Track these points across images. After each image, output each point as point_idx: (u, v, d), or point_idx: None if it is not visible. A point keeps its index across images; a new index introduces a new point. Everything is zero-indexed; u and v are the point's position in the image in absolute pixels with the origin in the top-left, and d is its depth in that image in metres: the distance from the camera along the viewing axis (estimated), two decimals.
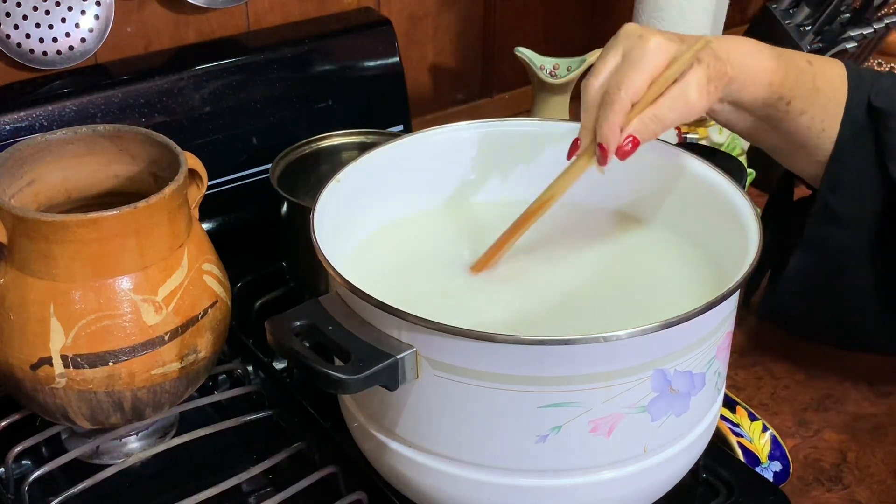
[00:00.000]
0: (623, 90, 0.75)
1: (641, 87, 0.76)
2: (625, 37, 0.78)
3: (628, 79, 0.75)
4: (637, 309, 0.79)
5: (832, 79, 0.85)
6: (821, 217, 0.86)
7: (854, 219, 0.86)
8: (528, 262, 0.85)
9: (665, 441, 0.72)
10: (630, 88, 0.75)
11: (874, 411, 0.98)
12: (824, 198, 0.86)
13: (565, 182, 0.79)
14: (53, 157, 0.85)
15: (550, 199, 0.80)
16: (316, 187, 0.81)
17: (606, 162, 0.77)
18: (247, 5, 1.17)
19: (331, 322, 0.70)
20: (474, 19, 1.37)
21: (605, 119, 0.76)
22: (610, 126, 0.75)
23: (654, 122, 0.76)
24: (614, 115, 0.75)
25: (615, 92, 0.76)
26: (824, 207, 0.86)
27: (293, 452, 0.85)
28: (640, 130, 0.76)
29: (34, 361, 0.78)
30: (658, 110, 0.76)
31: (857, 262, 0.87)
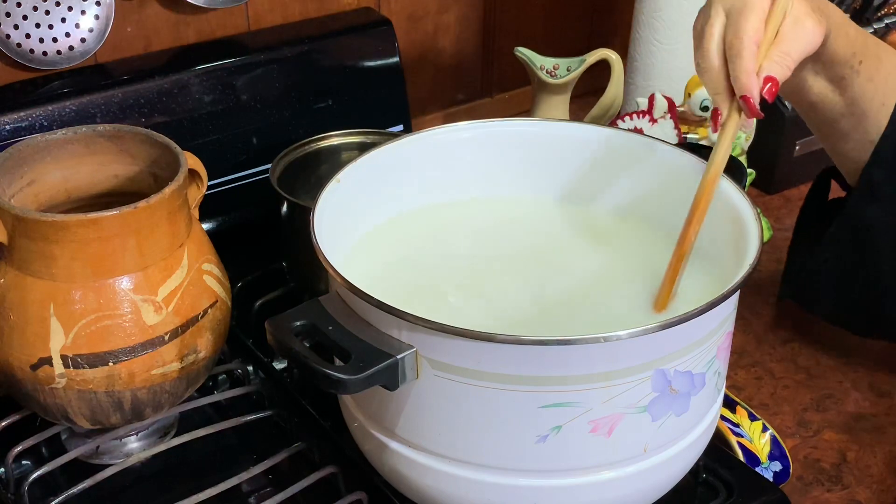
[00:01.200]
0: (745, 36, 0.75)
1: (760, 27, 0.76)
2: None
3: (745, 24, 0.75)
4: (637, 309, 0.79)
5: (888, 51, 0.86)
6: (862, 192, 0.87)
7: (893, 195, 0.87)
8: (529, 261, 0.85)
9: (665, 441, 0.72)
10: (749, 32, 0.75)
11: (874, 411, 0.98)
12: (868, 172, 0.87)
13: (722, 152, 0.77)
14: (53, 157, 0.85)
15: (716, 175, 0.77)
16: (316, 187, 0.81)
17: (756, 111, 0.76)
18: (247, 5, 1.17)
19: (331, 322, 0.70)
20: (474, 19, 1.37)
21: (739, 69, 0.75)
22: (747, 73, 0.75)
23: (784, 58, 0.76)
24: (746, 61, 0.75)
25: (737, 41, 0.75)
26: (867, 182, 0.87)
27: (293, 452, 0.85)
28: (774, 70, 0.76)
29: (34, 361, 0.78)
30: (784, 46, 0.76)
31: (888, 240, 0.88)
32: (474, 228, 0.89)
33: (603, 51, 1.22)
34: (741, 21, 0.76)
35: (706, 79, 0.78)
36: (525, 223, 0.89)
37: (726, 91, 0.77)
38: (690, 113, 1.16)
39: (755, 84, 0.75)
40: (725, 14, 0.77)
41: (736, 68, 0.75)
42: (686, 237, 0.76)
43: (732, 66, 0.76)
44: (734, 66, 0.76)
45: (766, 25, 0.76)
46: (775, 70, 0.76)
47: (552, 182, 0.90)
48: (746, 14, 0.76)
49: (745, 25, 0.75)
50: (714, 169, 0.77)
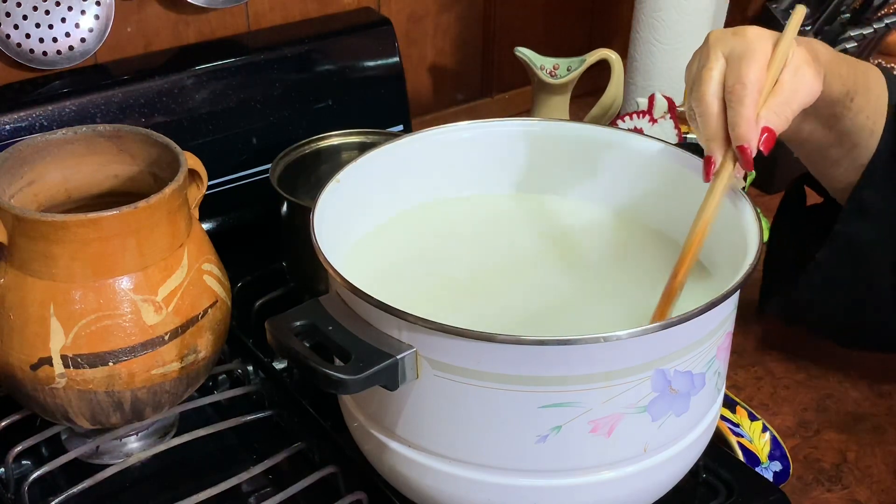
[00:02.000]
0: (748, 82, 0.72)
1: (762, 75, 0.73)
2: (717, 41, 0.75)
3: (748, 70, 0.73)
4: (637, 309, 0.79)
5: (878, 78, 0.84)
6: (852, 212, 0.86)
7: (884, 217, 0.86)
8: (529, 261, 0.85)
9: (665, 441, 0.72)
10: (752, 79, 0.72)
11: (874, 411, 0.98)
12: (858, 193, 0.85)
13: (713, 204, 0.74)
14: (53, 157, 0.85)
15: (705, 226, 0.74)
16: (316, 187, 0.81)
17: (751, 165, 0.73)
18: (247, 5, 1.17)
19: (331, 322, 0.70)
20: (474, 19, 1.37)
21: (738, 117, 0.72)
22: (747, 123, 0.72)
23: (783, 108, 0.74)
24: (747, 109, 0.72)
25: (739, 88, 0.72)
26: (857, 202, 0.86)
27: (293, 452, 0.85)
28: (772, 121, 0.73)
29: (34, 361, 0.78)
30: (783, 96, 0.74)
31: (881, 262, 0.87)
32: (474, 228, 0.89)
33: (603, 51, 1.22)
34: (743, 67, 0.73)
35: (701, 123, 0.75)
36: (525, 223, 0.89)
37: (723, 139, 0.74)
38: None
39: (755, 134, 0.72)
40: (725, 59, 0.74)
41: (736, 115, 0.72)
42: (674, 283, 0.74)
43: (732, 113, 0.73)
44: (734, 113, 0.73)
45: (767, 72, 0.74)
46: (773, 121, 0.73)
47: (552, 182, 0.90)
48: (749, 60, 0.73)
49: (747, 71, 0.73)
50: (704, 219, 0.74)
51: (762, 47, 0.74)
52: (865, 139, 0.84)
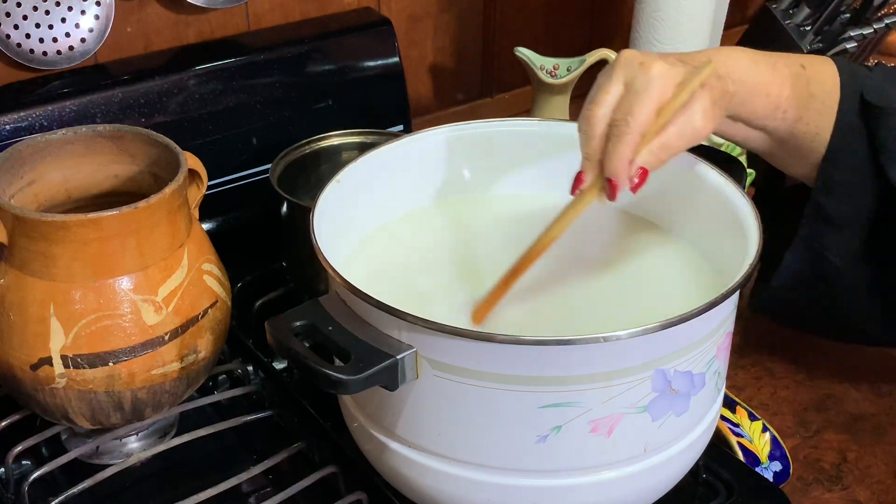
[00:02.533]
0: (633, 121, 0.72)
1: (649, 117, 0.73)
2: (624, 64, 0.75)
3: (636, 110, 0.73)
4: (637, 309, 0.79)
5: (825, 81, 0.84)
6: (814, 217, 0.86)
7: (847, 218, 0.86)
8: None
9: (665, 441, 0.72)
10: (639, 119, 0.73)
11: (874, 411, 0.98)
12: (817, 199, 0.86)
13: (569, 218, 0.76)
14: (53, 157, 0.85)
15: (555, 237, 0.76)
16: (316, 187, 0.81)
17: (615, 197, 0.74)
18: (247, 5, 1.17)
19: (331, 322, 0.70)
20: (474, 19, 1.37)
21: (615, 152, 0.73)
22: (621, 159, 0.73)
23: (662, 152, 0.74)
24: (625, 147, 0.72)
25: (623, 124, 0.73)
26: (818, 209, 0.86)
27: (293, 452, 0.85)
28: (649, 161, 0.74)
29: (34, 361, 0.78)
30: (666, 139, 0.74)
31: (850, 262, 0.87)
32: (474, 228, 0.89)
33: (603, 51, 1.22)
34: (635, 104, 0.73)
35: (583, 141, 0.75)
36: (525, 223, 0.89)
37: (598, 162, 0.74)
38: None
39: (625, 173, 0.73)
40: (624, 86, 0.74)
41: (613, 150, 0.73)
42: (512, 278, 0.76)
43: (610, 146, 0.73)
44: (612, 148, 0.73)
45: (658, 114, 0.73)
46: (649, 161, 0.74)
47: (553, 182, 0.90)
48: (642, 98, 0.73)
49: (636, 110, 0.73)
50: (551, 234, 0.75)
51: (660, 88, 0.73)
52: (808, 142, 0.84)
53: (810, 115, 0.83)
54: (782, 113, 0.82)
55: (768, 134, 0.84)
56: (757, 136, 0.85)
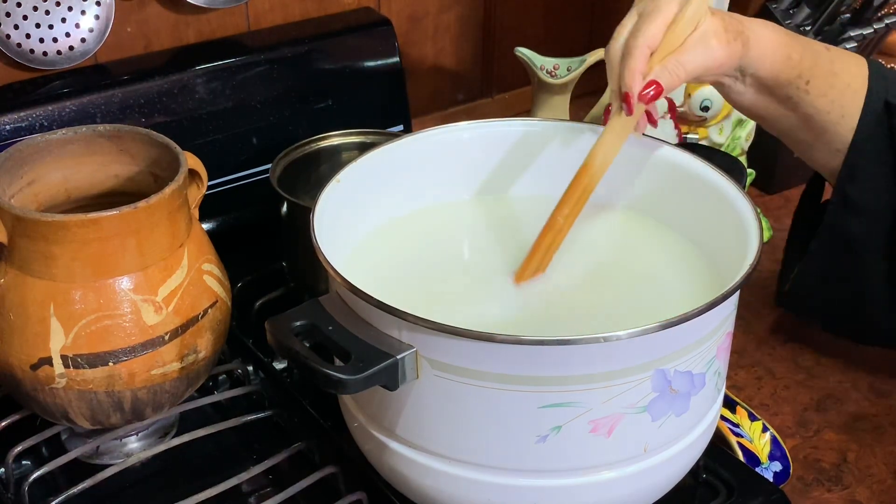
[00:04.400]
0: (640, 37, 0.78)
1: (657, 33, 0.78)
2: (638, 1, 0.81)
3: (644, 27, 0.78)
4: (637, 309, 0.79)
5: (850, 66, 0.85)
6: (839, 206, 0.87)
7: (870, 209, 0.86)
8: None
9: (665, 441, 0.72)
10: (646, 35, 0.78)
11: (874, 411, 0.98)
12: (842, 187, 0.86)
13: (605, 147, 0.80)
14: (53, 157, 0.85)
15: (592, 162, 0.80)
16: (316, 187, 0.81)
17: (632, 110, 0.78)
18: (247, 5, 1.17)
19: (331, 322, 0.70)
20: (474, 19, 1.37)
21: (624, 67, 0.78)
22: (630, 72, 0.78)
23: (676, 67, 0.79)
24: (633, 60, 0.78)
25: (632, 42, 0.79)
26: (842, 196, 0.86)
27: (293, 452, 0.85)
28: (661, 75, 0.78)
29: (34, 361, 0.78)
30: (680, 56, 0.79)
31: (872, 253, 0.88)
32: (474, 228, 0.89)
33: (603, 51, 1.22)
34: (642, 24, 0.79)
35: (609, 72, 0.81)
36: (525, 223, 0.89)
37: (618, 89, 0.80)
38: (690, 113, 1.16)
39: (637, 83, 0.78)
40: (638, 16, 0.80)
41: (623, 66, 0.79)
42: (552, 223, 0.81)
43: (622, 64, 0.79)
44: (622, 64, 0.79)
45: (666, 32, 0.79)
46: (663, 77, 0.78)
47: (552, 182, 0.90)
48: (650, 18, 0.79)
49: (643, 28, 0.78)
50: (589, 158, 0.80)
51: (666, 8, 0.79)
52: (833, 124, 0.85)
53: (835, 94, 0.84)
54: (805, 83, 0.83)
55: (794, 108, 0.85)
56: (784, 113, 0.86)
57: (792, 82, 0.83)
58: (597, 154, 0.81)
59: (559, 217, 0.81)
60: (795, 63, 0.82)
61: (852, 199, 0.86)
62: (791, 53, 0.82)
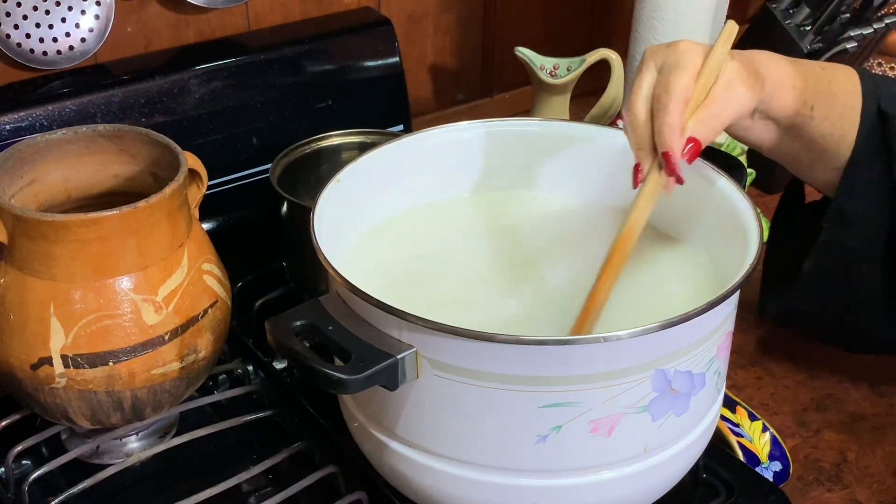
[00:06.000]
0: (674, 91, 0.74)
1: (689, 84, 0.74)
2: (652, 54, 0.77)
3: (675, 81, 0.74)
4: (637, 309, 0.79)
5: (844, 83, 0.84)
6: (836, 221, 0.86)
7: (868, 222, 0.86)
8: (529, 261, 0.85)
9: (665, 441, 0.72)
10: (679, 88, 0.74)
11: (874, 411, 0.98)
12: (840, 202, 0.86)
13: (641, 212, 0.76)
14: (53, 157, 0.85)
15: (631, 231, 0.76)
16: (316, 187, 0.81)
17: (675, 171, 0.74)
18: (247, 5, 1.17)
19: (331, 322, 0.70)
20: (474, 19, 1.37)
21: (662, 125, 0.74)
22: (670, 129, 0.74)
23: (712, 120, 0.75)
24: (671, 117, 0.74)
25: (665, 96, 0.74)
26: (839, 212, 0.86)
27: (293, 452, 0.85)
28: (699, 132, 0.75)
29: (34, 361, 0.78)
30: (713, 108, 0.75)
31: (869, 266, 0.87)
32: (474, 228, 0.89)
33: (603, 51, 1.22)
34: (671, 77, 0.74)
35: (630, 131, 0.76)
36: (525, 223, 0.89)
37: (650, 147, 0.75)
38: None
39: (678, 141, 0.74)
40: (658, 70, 0.76)
41: (660, 123, 0.74)
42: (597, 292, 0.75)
43: (658, 121, 0.74)
44: (659, 121, 0.74)
45: (695, 84, 0.75)
46: (700, 132, 0.75)
47: (552, 182, 0.90)
48: (678, 72, 0.75)
49: (674, 81, 0.74)
50: (630, 226, 0.75)
51: (692, 59, 0.75)
52: (834, 145, 0.84)
53: (835, 115, 0.83)
54: (810, 109, 0.82)
55: (798, 135, 0.84)
56: (787, 140, 0.84)
57: (798, 111, 0.82)
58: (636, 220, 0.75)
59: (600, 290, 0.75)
60: (800, 91, 0.81)
61: (850, 215, 0.86)
62: (796, 83, 0.81)
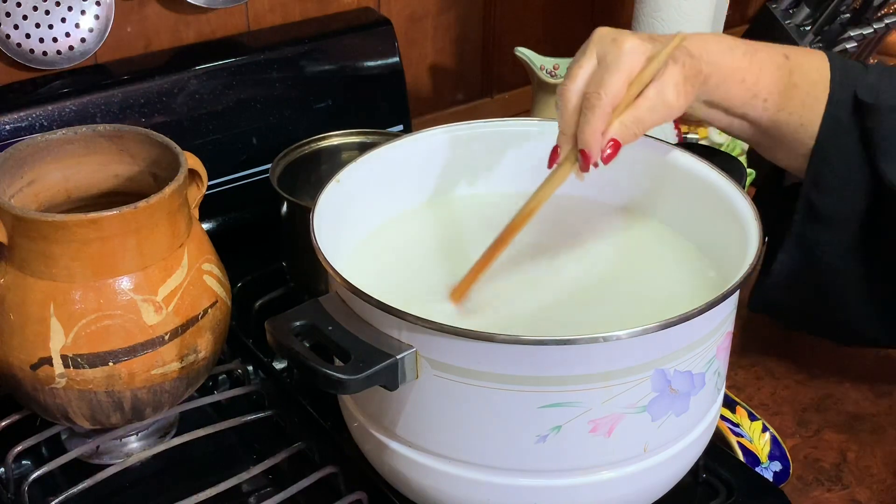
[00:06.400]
0: (604, 94, 0.74)
1: (621, 89, 0.75)
2: (598, 41, 0.77)
3: (607, 82, 0.75)
4: (637, 309, 0.79)
5: (810, 72, 0.84)
6: (805, 215, 0.86)
7: (839, 216, 0.85)
8: (528, 260, 0.85)
9: (665, 441, 0.72)
10: (610, 92, 0.74)
11: (874, 411, 0.98)
12: (808, 195, 0.85)
13: (547, 192, 0.77)
14: (53, 157, 0.85)
15: (532, 211, 0.78)
16: (316, 187, 0.81)
17: (588, 168, 0.76)
18: (247, 5, 1.17)
19: (331, 322, 0.70)
20: (474, 19, 1.37)
21: (586, 124, 0.75)
22: (592, 131, 0.74)
23: (635, 125, 0.76)
24: (596, 119, 0.74)
25: (595, 97, 0.75)
26: (808, 206, 0.86)
27: (293, 452, 0.85)
28: (621, 134, 0.75)
29: (34, 361, 0.78)
30: (638, 112, 0.76)
31: (843, 260, 0.87)
32: (475, 228, 0.88)
33: None
34: (606, 77, 0.75)
35: (559, 115, 0.77)
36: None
37: (572, 135, 0.76)
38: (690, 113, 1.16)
39: (597, 144, 0.75)
40: (598, 60, 0.77)
41: (585, 122, 0.75)
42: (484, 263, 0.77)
43: (583, 119, 0.75)
44: (584, 120, 0.75)
45: (629, 87, 0.75)
46: (622, 134, 0.75)
47: None
48: (613, 71, 0.75)
49: (607, 82, 0.75)
50: (530, 207, 0.77)
51: (631, 62, 0.75)
52: (792, 133, 0.84)
53: (793, 106, 0.83)
54: (762, 101, 0.82)
55: (750, 122, 0.84)
56: (739, 123, 0.85)
57: (747, 103, 0.82)
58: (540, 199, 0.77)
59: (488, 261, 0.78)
60: (750, 85, 0.81)
61: (819, 209, 0.85)
62: (746, 77, 0.81)
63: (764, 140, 0.86)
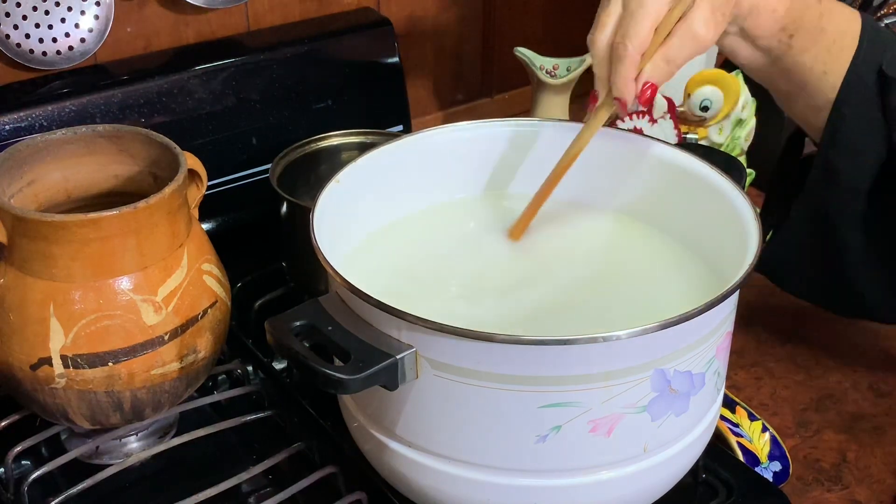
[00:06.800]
0: (629, 44, 0.75)
1: (647, 36, 0.76)
2: None
3: (632, 31, 0.75)
4: (636, 309, 0.79)
5: (841, 22, 0.83)
6: (821, 172, 0.86)
7: (852, 178, 0.85)
8: (529, 260, 0.85)
9: (665, 441, 0.72)
10: (636, 39, 0.75)
11: (874, 411, 0.98)
12: (825, 153, 0.85)
13: (588, 135, 0.80)
14: (53, 157, 0.85)
15: (576, 153, 0.80)
16: (316, 187, 0.81)
17: (627, 113, 0.79)
18: (247, 5, 1.17)
19: (331, 322, 0.70)
20: (474, 19, 1.37)
21: (616, 74, 0.76)
22: (623, 80, 0.76)
23: (666, 64, 0.77)
24: (625, 69, 0.76)
25: (622, 47, 0.76)
26: (825, 162, 0.85)
27: (293, 452, 0.85)
28: (654, 76, 0.77)
29: (34, 361, 0.78)
30: (668, 52, 0.77)
31: (850, 224, 0.87)
32: (475, 228, 0.89)
33: None
34: (631, 25, 0.76)
35: (594, 65, 0.79)
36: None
37: (606, 81, 0.78)
38: (690, 113, 1.16)
39: (631, 90, 0.77)
40: (622, 5, 0.77)
41: (615, 73, 0.77)
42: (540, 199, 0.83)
43: (613, 70, 0.77)
44: (615, 71, 0.77)
45: (657, 30, 0.76)
46: (655, 76, 0.77)
47: None
48: (638, 18, 0.75)
49: (633, 31, 0.75)
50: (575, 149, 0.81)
51: (655, 6, 0.76)
52: (815, 80, 0.84)
53: (818, 50, 0.83)
54: (788, 37, 0.82)
55: (772, 60, 0.84)
56: (761, 59, 0.84)
57: (774, 35, 0.82)
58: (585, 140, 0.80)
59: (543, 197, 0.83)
60: (780, 16, 0.81)
61: (835, 167, 0.85)
62: (777, 7, 0.81)
63: (785, 85, 0.85)
